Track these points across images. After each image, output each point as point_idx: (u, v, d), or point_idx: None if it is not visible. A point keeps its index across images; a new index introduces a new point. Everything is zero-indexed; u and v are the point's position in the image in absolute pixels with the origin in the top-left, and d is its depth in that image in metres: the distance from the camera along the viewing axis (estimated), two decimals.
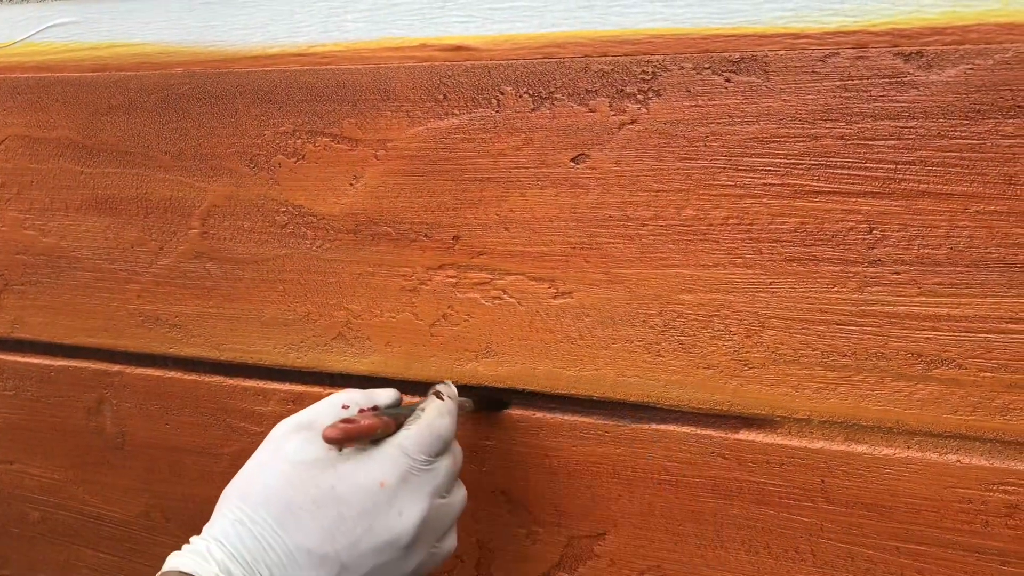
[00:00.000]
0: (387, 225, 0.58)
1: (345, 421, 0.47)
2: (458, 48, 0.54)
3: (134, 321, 0.67)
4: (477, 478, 0.59)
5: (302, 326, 0.62)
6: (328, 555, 0.45)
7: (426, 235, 0.57)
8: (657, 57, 0.50)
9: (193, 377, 0.66)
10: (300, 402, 0.63)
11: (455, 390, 0.54)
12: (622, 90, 0.51)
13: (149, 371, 0.68)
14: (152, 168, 0.63)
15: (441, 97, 0.55)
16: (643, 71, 0.50)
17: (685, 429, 0.54)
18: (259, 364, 0.64)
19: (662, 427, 0.54)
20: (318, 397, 0.62)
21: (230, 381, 0.65)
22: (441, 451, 0.50)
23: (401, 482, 0.47)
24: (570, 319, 0.55)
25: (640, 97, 0.51)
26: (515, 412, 0.58)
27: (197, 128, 0.62)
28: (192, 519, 0.66)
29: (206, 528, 0.48)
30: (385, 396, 0.54)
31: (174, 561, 0.46)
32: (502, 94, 0.54)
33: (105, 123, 0.64)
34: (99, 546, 0.73)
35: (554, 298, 0.55)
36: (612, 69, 0.51)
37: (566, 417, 0.56)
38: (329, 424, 0.47)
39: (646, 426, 0.55)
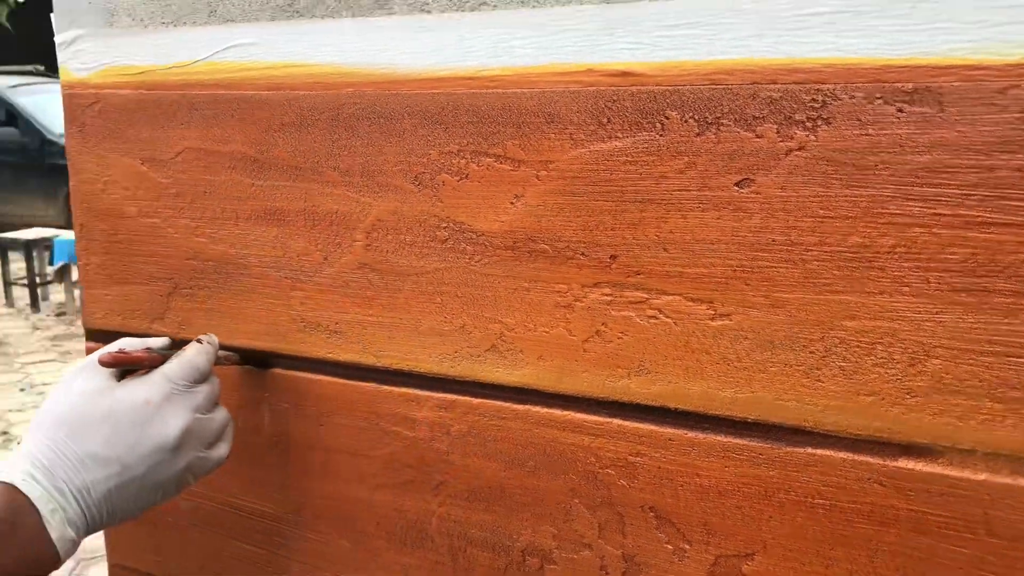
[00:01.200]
0: (545, 243, 0.60)
1: (120, 351, 0.63)
2: (624, 74, 0.56)
3: (296, 326, 0.70)
4: (626, 493, 0.60)
5: (457, 337, 0.64)
6: (110, 457, 0.59)
7: (583, 253, 0.59)
8: (828, 86, 0.51)
9: (350, 381, 0.69)
10: (452, 409, 0.65)
11: (216, 339, 0.68)
12: (791, 117, 0.52)
13: (307, 374, 0.71)
14: (320, 183, 0.67)
15: (605, 120, 0.57)
16: (813, 99, 0.51)
17: (842, 454, 0.54)
18: (414, 371, 0.66)
19: (818, 451, 0.55)
20: (469, 406, 0.64)
21: (385, 387, 0.68)
22: (199, 380, 0.64)
23: (164, 400, 0.62)
24: (727, 341, 0.56)
25: (809, 124, 0.51)
26: (666, 430, 0.59)
27: (365, 146, 0.65)
28: (342, 517, 0.70)
29: (16, 448, 0.61)
30: (157, 342, 0.68)
31: None
32: (667, 119, 0.55)
33: (277, 139, 0.68)
34: (249, 539, 0.77)
35: (712, 319, 0.56)
36: (781, 96, 0.52)
37: (719, 438, 0.57)
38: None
39: (801, 450, 0.55)
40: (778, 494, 0.56)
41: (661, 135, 0.55)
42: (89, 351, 0.80)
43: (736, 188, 0.54)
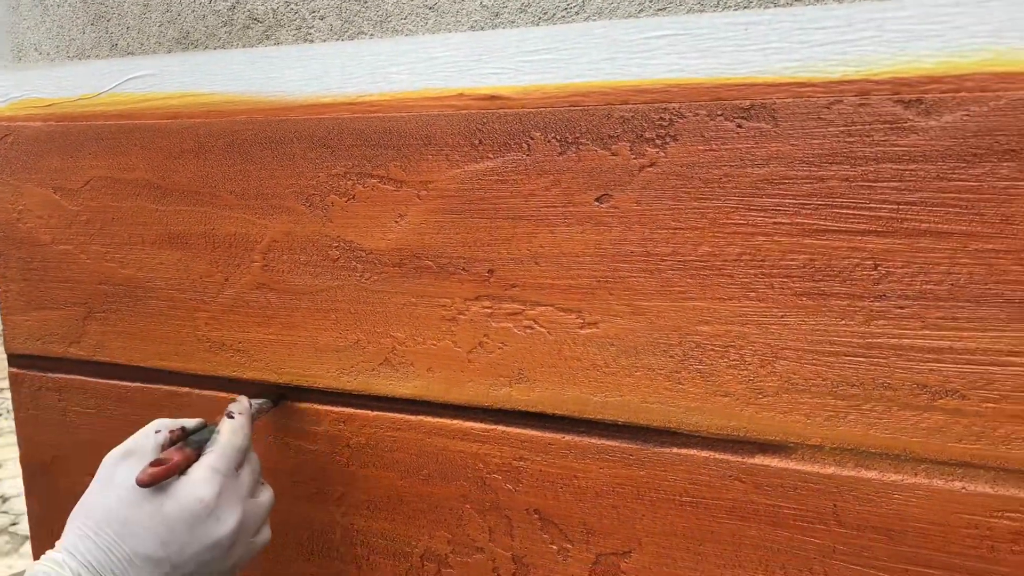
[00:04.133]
0: (429, 259, 0.63)
1: (153, 464, 0.57)
2: (492, 97, 0.59)
3: (202, 346, 0.73)
4: (512, 496, 0.63)
5: (352, 352, 0.67)
6: (162, 559, 0.55)
7: (464, 268, 0.62)
8: (674, 105, 0.54)
9: None
10: (350, 422, 0.68)
11: (246, 403, 0.64)
12: (642, 135, 0.55)
13: (215, 393, 0.74)
14: (219, 207, 0.69)
15: (477, 142, 0.60)
16: (661, 117, 0.54)
17: (704, 453, 0.57)
18: (314, 387, 0.69)
19: (683, 451, 0.57)
20: (366, 419, 0.67)
21: (287, 404, 0.70)
22: (242, 462, 0.60)
23: (216, 496, 0.57)
24: (596, 348, 0.58)
25: (659, 142, 0.54)
26: (545, 435, 0.61)
27: (259, 170, 0.67)
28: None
29: (59, 543, 0.56)
30: (191, 422, 0.63)
31: (35, 569, 0.54)
32: (532, 139, 0.58)
33: (178, 165, 0.70)
34: None
35: (581, 328, 0.59)
36: (632, 116, 0.55)
37: (593, 440, 0.60)
38: (148, 453, 0.58)
39: (668, 450, 0.58)
40: (649, 493, 0.59)
41: (527, 155, 0.58)
42: (13, 377, 0.82)
43: (596, 203, 0.57)
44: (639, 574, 0.60)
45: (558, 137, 0.57)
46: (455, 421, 0.64)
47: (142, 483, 0.55)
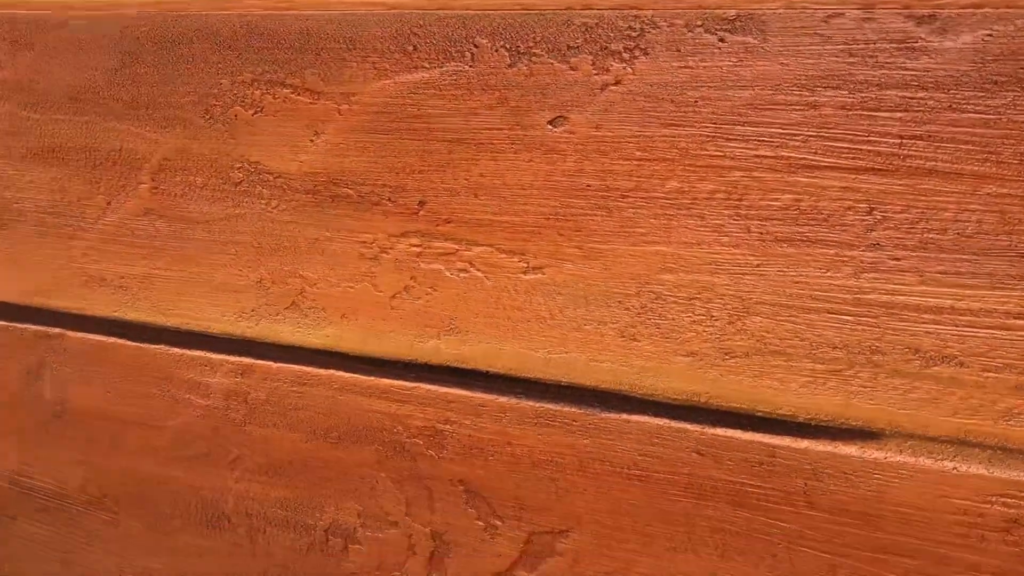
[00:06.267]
0: (348, 187, 0.54)
1: None
2: None
3: (78, 281, 0.62)
4: (434, 464, 0.55)
5: (254, 293, 0.57)
6: None
7: (389, 199, 0.53)
8: (646, 12, 0.46)
9: (138, 344, 0.62)
10: (249, 374, 0.59)
11: None
12: (606, 47, 0.47)
13: (92, 335, 0.63)
14: (102, 116, 0.59)
15: (411, 48, 0.51)
16: (630, 27, 0.46)
17: (659, 421, 0.50)
18: (207, 332, 0.59)
19: (634, 418, 0.50)
20: (268, 371, 0.58)
21: (176, 350, 0.61)
22: None
23: None
24: (540, 297, 0.50)
25: (626, 55, 0.46)
26: (476, 395, 0.53)
27: (151, 74, 0.57)
28: (131, 495, 0.62)
29: None
30: None
31: None
32: (477, 47, 0.49)
33: (53, 66, 0.60)
34: (33, 518, 0.69)
35: (524, 273, 0.51)
36: (597, 23, 0.47)
37: (531, 403, 0.52)
38: None
39: (617, 416, 0.50)
40: (593, 465, 0.51)
41: (471, 66, 0.50)
42: None
43: (549, 127, 0.48)
44: (577, 556, 0.53)
45: (507, 46, 0.49)
46: (371, 377, 0.56)
47: None
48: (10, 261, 0.64)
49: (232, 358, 0.59)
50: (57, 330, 0.64)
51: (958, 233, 0.42)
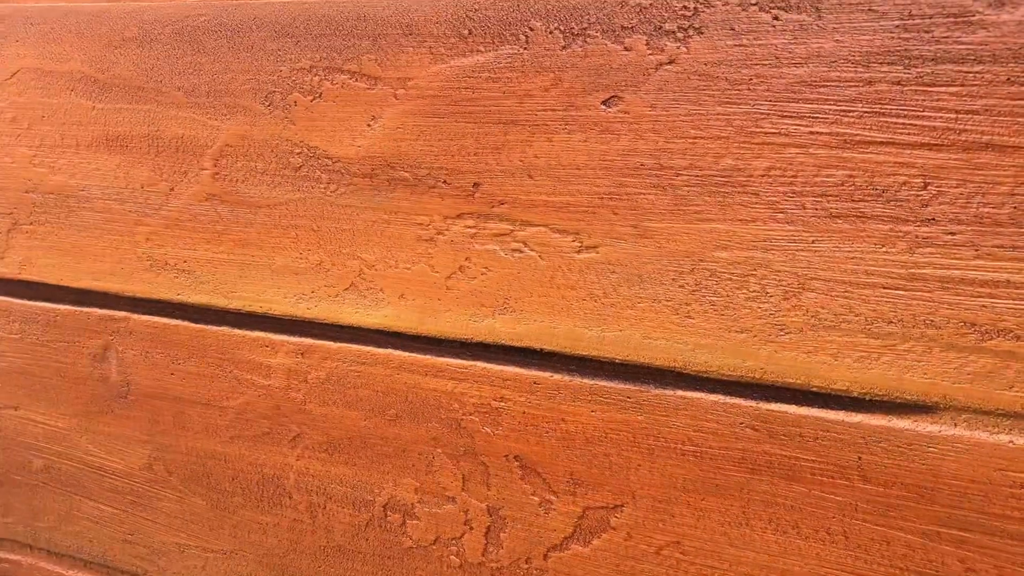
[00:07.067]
0: (404, 170, 0.55)
1: None
2: None
3: (142, 265, 0.64)
4: (490, 440, 0.56)
5: (314, 275, 0.59)
6: None
7: (445, 181, 0.54)
8: None
9: (200, 326, 0.63)
10: (309, 354, 0.60)
11: None
12: (661, 27, 0.47)
13: (156, 318, 0.65)
14: (164, 105, 0.61)
15: (466, 32, 0.52)
16: (684, 6, 0.47)
17: (713, 397, 0.50)
18: (268, 314, 0.61)
19: (688, 394, 0.51)
20: (327, 351, 0.59)
21: (238, 331, 0.62)
22: None
23: None
24: (594, 276, 0.51)
25: (680, 35, 0.47)
26: (531, 373, 0.54)
27: (212, 63, 0.59)
28: (195, 473, 0.64)
29: None
30: None
31: None
32: (531, 30, 0.50)
33: (118, 56, 0.61)
34: (100, 497, 0.71)
35: (578, 252, 0.51)
36: (651, 4, 0.47)
37: (585, 380, 0.53)
38: None
39: (671, 392, 0.51)
40: (647, 441, 0.52)
41: (525, 48, 0.50)
42: None
43: (603, 107, 0.49)
44: (631, 531, 0.54)
45: (562, 28, 0.49)
46: (428, 356, 0.57)
47: None
48: (77, 248, 0.66)
49: (292, 339, 0.61)
50: (122, 313, 0.66)
51: (1015, 207, 0.42)
